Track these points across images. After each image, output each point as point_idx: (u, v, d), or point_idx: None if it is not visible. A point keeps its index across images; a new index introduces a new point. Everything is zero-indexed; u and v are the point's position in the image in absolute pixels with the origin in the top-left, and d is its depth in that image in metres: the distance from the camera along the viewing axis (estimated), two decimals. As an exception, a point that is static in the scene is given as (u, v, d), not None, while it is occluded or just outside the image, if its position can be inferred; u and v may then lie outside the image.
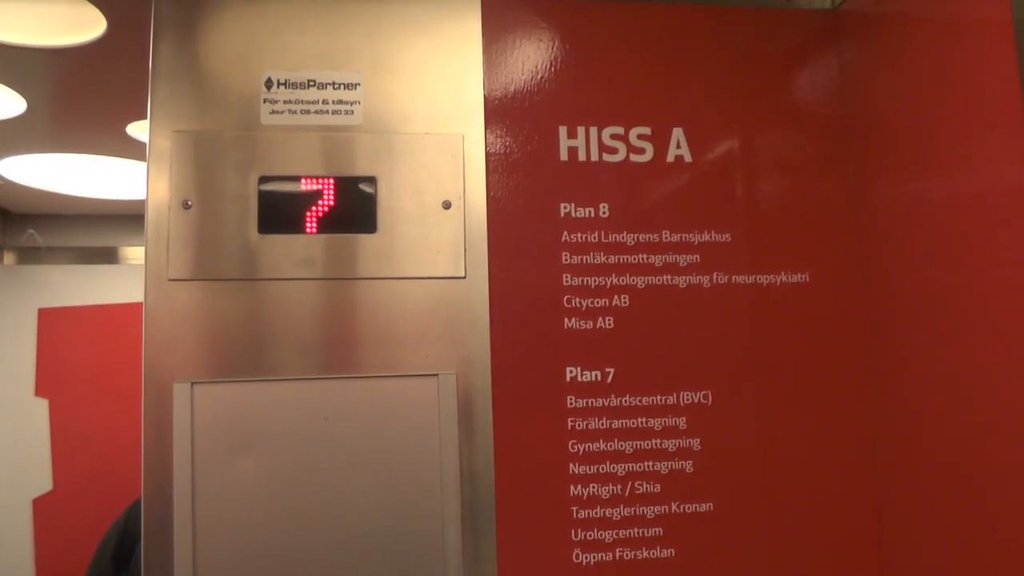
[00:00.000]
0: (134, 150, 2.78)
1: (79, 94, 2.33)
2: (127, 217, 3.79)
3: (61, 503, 3.59)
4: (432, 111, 1.32)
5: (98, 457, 3.57)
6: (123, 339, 3.58)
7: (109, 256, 3.83)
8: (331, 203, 1.27)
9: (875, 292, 1.35)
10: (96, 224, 3.81)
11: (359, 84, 1.31)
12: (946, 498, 1.19)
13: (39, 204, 3.62)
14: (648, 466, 1.30)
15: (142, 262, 1.26)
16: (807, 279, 1.37)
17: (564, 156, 1.34)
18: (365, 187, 1.28)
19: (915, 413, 1.26)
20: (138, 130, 2.59)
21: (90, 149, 2.85)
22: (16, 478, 3.59)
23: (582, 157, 1.34)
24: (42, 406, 3.63)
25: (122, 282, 3.72)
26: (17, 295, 3.70)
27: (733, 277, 1.35)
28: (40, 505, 3.61)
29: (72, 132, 2.67)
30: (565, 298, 1.31)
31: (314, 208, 1.26)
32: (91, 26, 1.89)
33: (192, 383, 1.20)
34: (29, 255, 3.78)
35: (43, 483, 3.62)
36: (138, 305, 1.24)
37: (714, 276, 1.35)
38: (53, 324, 3.69)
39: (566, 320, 1.30)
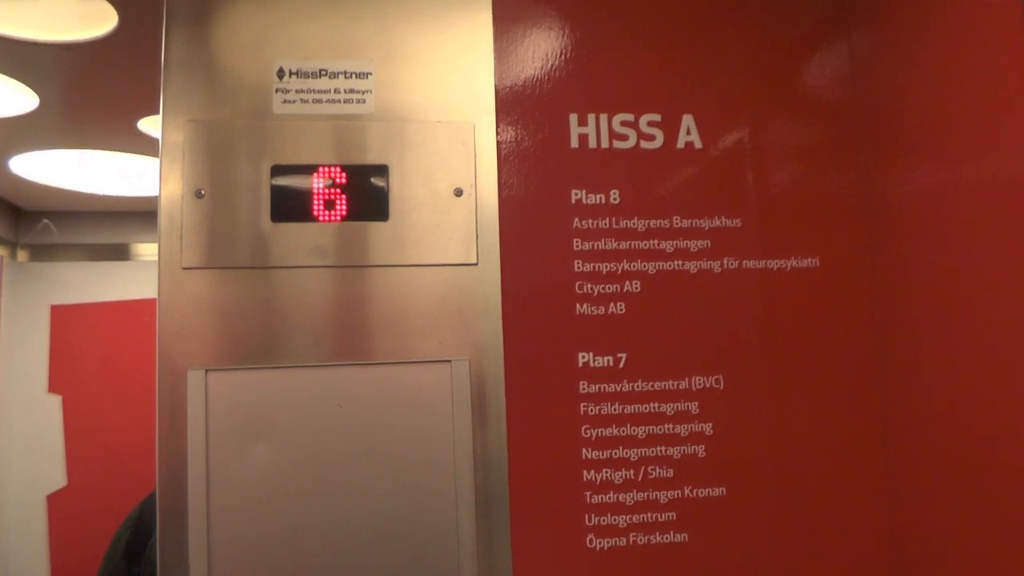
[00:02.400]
0: (145, 145, 2.80)
1: (91, 89, 2.34)
2: (138, 213, 3.81)
3: (75, 498, 3.62)
4: (443, 100, 1.32)
5: (111, 452, 3.60)
6: (135, 335, 3.61)
7: (120, 252, 3.85)
8: (343, 191, 1.27)
9: (886, 277, 1.35)
10: (107, 221, 3.83)
11: (371, 73, 1.32)
12: (958, 481, 1.19)
13: (50, 201, 3.64)
14: (661, 451, 1.30)
15: (154, 258, 1.27)
16: (817, 263, 1.38)
17: (575, 143, 1.35)
18: (377, 175, 1.28)
19: (926, 397, 1.26)
20: (149, 125, 2.60)
21: (101, 145, 2.87)
22: (30, 474, 3.63)
23: (592, 144, 1.35)
24: (55, 402, 3.66)
25: (134, 278, 3.75)
26: (30, 292, 3.73)
27: (744, 262, 1.36)
28: (54, 501, 3.64)
29: (84, 128, 2.68)
30: (577, 284, 1.31)
31: (326, 196, 1.27)
32: (103, 21, 1.90)
33: (206, 370, 1.21)
34: (42, 252, 3.80)
35: (57, 479, 3.65)
36: (150, 301, 1.25)
37: (725, 261, 1.35)
38: (65, 321, 3.72)
39: (578, 306, 1.31)
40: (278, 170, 1.27)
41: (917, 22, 1.28)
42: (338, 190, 1.27)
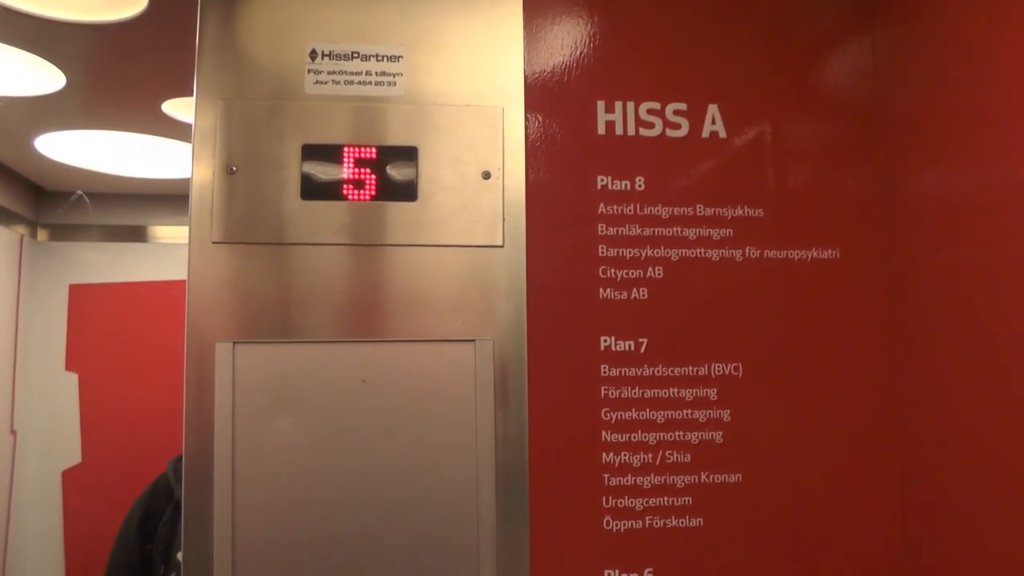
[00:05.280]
0: (169, 128, 2.82)
1: (117, 70, 2.36)
2: (157, 196, 3.84)
3: (90, 475, 3.66)
4: (473, 84, 1.34)
5: (126, 430, 3.64)
6: (151, 316, 3.64)
7: (139, 234, 3.88)
8: (372, 172, 1.29)
9: (904, 272, 1.36)
10: (126, 202, 3.86)
11: (402, 57, 1.33)
12: (970, 474, 1.20)
13: (71, 181, 3.66)
14: (679, 436, 1.32)
15: (171, 240, 1.29)
16: (837, 255, 1.39)
17: (601, 130, 1.36)
18: (406, 157, 1.30)
19: (940, 390, 1.27)
20: (173, 108, 2.62)
21: (125, 126, 2.89)
22: (46, 451, 3.67)
23: (619, 131, 1.36)
24: (72, 380, 3.70)
25: (151, 260, 3.78)
26: (49, 271, 3.77)
27: (765, 252, 1.37)
28: (69, 477, 3.68)
29: (108, 109, 2.70)
30: (600, 268, 1.33)
31: (356, 176, 1.29)
32: (132, 3, 1.92)
33: (234, 343, 1.23)
34: (61, 232, 3.84)
35: (72, 456, 3.68)
36: (167, 282, 1.27)
37: (746, 250, 1.37)
38: (84, 300, 3.75)
39: (601, 290, 1.33)
40: (309, 149, 1.29)
41: (940, 23, 1.29)
42: (367, 170, 1.29)
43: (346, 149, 1.29)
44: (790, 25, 1.44)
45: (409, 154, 1.30)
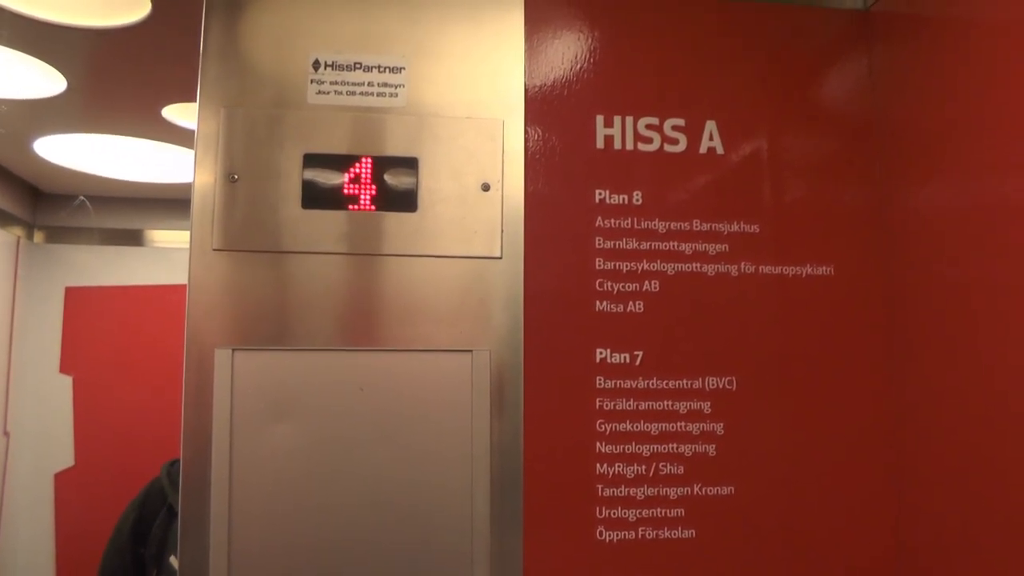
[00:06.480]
0: (169, 133, 2.83)
1: (118, 75, 2.38)
2: (154, 200, 3.84)
3: (82, 478, 3.66)
4: (473, 97, 1.36)
5: (119, 434, 3.64)
6: (146, 320, 3.65)
7: (135, 238, 3.88)
8: (373, 182, 1.30)
9: (899, 288, 1.38)
10: (123, 206, 3.87)
11: (404, 68, 1.35)
12: (967, 489, 1.21)
13: (69, 184, 3.67)
14: (672, 448, 1.33)
15: (167, 244, 1.30)
16: (832, 272, 1.40)
17: (600, 144, 1.37)
18: (407, 167, 1.31)
19: (936, 407, 1.28)
20: (174, 113, 2.63)
21: (125, 131, 2.90)
22: (39, 453, 3.67)
23: (617, 146, 1.38)
24: (66, 383, 3.71)
25: (147, 264, 3.78)
26: (45, 273, 3.77)
27: (760, 267, 1.38)
28: (61, 480, 3.67)
29: (109, 113, 2.72)
30: (597, 281, 1.34)
31: (356, 186, 1.30)
32: (135, 8, 1.93)
33: (233, 350, 1.24)
34: (58, 234, 3.85)
35: (65, 458, 3.68)
36: (163, 287, 1.28)
37: (742, 265, 1.38)
38: (79, 303, 3.76)
39: (598, 303, 1.34)
40: (310, 159, 1.30)
41: (937, 39, 1.30)
42: (368, 180, 1.30)
43: (347, 159, 1.30)
44: (788, 42, 1.46)
45: (409, 165, 1.32)
